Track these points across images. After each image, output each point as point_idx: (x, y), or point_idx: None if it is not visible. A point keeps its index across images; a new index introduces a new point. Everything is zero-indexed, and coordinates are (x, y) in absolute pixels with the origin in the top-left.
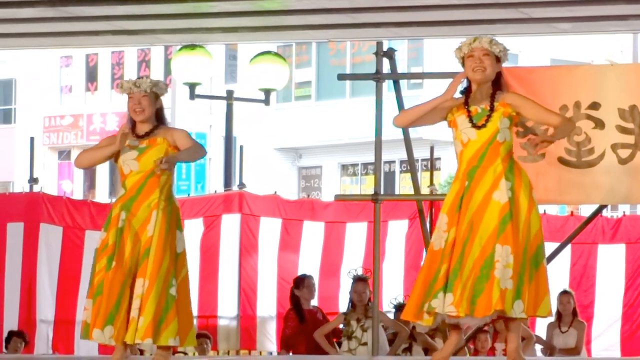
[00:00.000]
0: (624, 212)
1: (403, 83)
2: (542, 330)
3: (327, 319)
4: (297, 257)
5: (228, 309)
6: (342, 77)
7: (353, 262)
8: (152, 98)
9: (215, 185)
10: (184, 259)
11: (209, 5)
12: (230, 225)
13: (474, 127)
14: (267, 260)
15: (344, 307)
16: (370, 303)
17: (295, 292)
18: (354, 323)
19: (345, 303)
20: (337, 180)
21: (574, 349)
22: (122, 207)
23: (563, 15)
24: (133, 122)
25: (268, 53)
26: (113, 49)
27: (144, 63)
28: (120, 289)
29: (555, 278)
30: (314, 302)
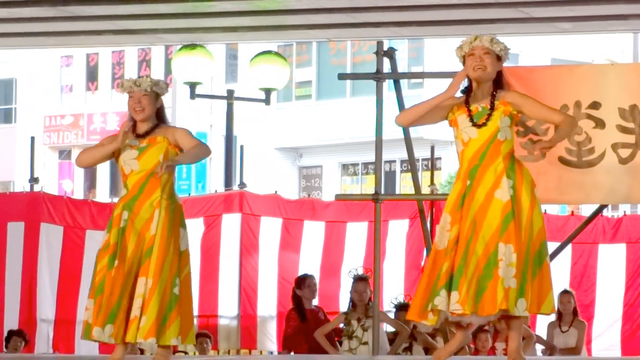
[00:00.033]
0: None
1: (403, 82)
2: (542, 330)
3: (328, 319)
4: (297, 256)
5: (228, 309)
6: (342, 76)
7: (353, 261)
8: (152, 97)
9: (216, 185)
10: (187, 257)
11: (210, 5)
12: (231, 225)
13: (475, 126)
14: (267, 260)
15: (345, 306)
16: (371, 302)
17: (297, 291)
18: (355, 322)
19: (346, 302)
20: (337, 180)
21: (575, 349)
22: (124, 206)
23: (563, 15)
24: (134, 121)
25: (268, 53)
26: (114, 49)
27: (145, 63)
28: (122, 288)
29: (556, 278)
30: (315, 301)
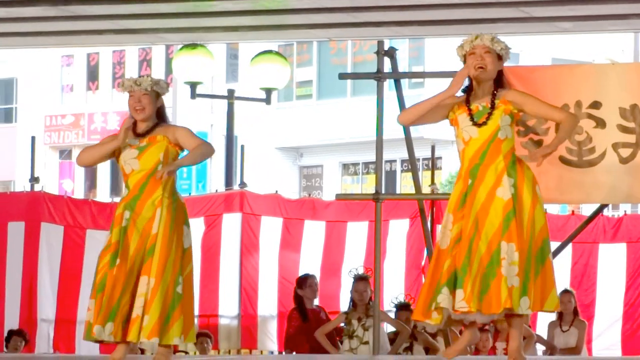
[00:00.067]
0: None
1: (404, 82)
2: (542, 330)
3: (329, 319)
4: (298, 256)
5: (229, 308)
6: (343, 76)
7: (354, 261)
8: (152, 96)
9: (217, 185)
10: (190, 255)
11: (211, 5)
12: (231, 225)
13: (475, 125)
14: (268, 260)
15: (345, 306)
16: (372, 302)
17: (299, 291)
18: (355, 322)
19: (346, 302)
20: (338, 180)
21: (575, 349)
22: (125, 206)
23: (564, 15)
24: (134, 120)
25: (269, 52)
26: (114, 48)
27: (145, 62)
28: (124, 287)
29: (556, 277)
30: (316, 301)
